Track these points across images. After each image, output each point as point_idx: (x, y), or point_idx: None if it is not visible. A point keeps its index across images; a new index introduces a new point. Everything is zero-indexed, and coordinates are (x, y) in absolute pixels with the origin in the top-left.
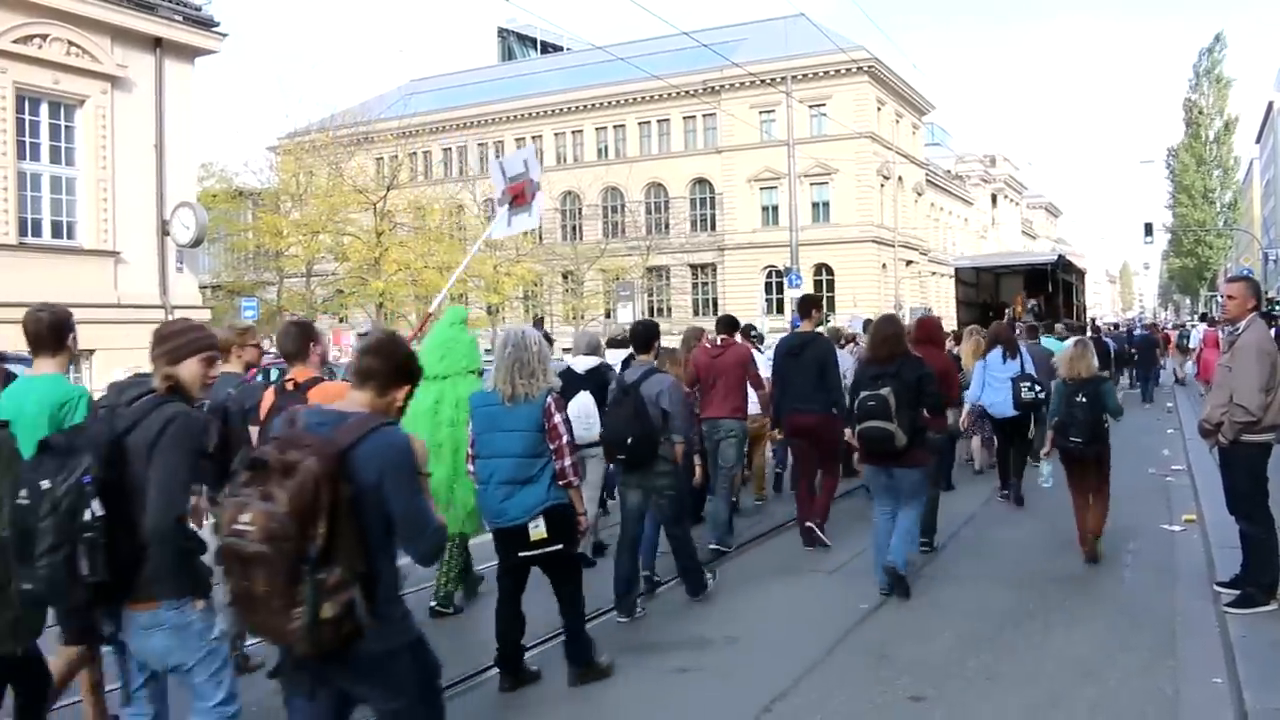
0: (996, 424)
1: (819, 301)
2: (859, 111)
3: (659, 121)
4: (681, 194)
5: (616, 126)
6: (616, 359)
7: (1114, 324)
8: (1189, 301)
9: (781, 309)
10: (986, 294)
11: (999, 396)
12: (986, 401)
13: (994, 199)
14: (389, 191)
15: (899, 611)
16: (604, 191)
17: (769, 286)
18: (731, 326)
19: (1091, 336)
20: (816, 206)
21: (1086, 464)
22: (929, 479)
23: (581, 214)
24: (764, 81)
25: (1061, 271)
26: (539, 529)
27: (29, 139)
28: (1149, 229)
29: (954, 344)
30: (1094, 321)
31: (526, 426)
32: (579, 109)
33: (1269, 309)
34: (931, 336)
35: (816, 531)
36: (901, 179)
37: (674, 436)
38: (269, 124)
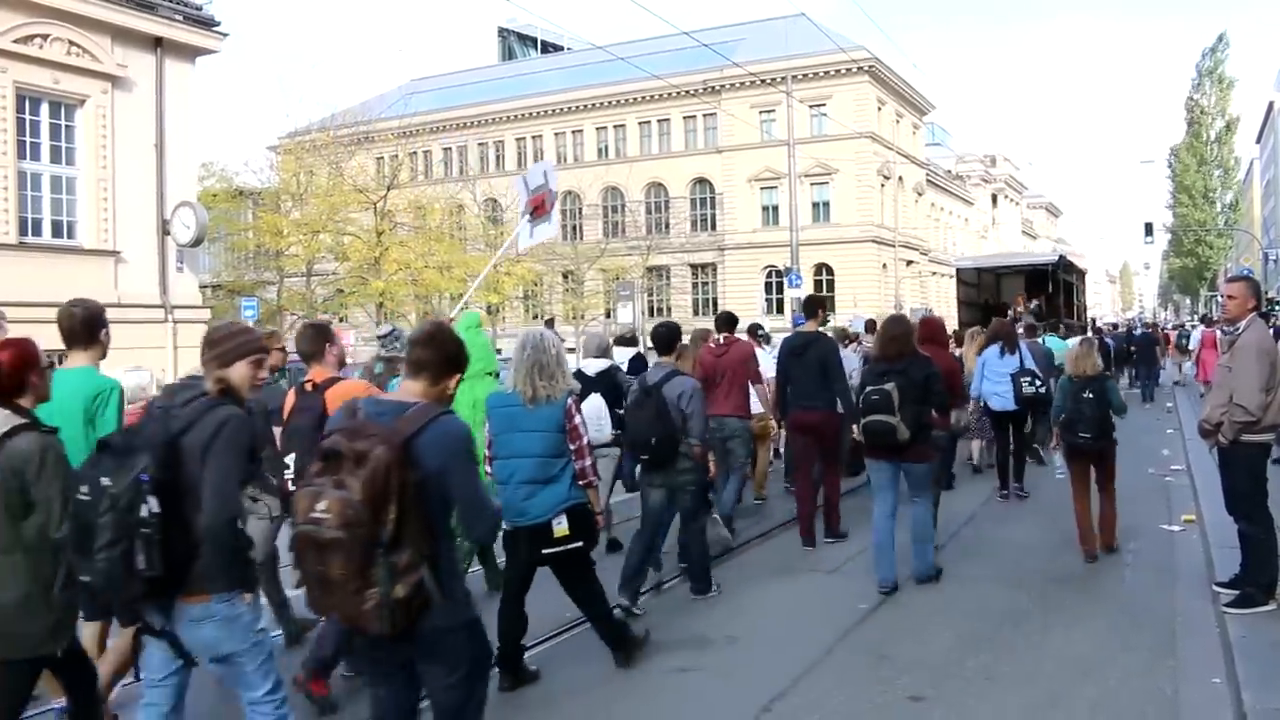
0: (995, 418)
1: (824, 302)
2: (859, 111)
3: (659, 121)
4: (681, 194)
5: (616, 126)
6: (622, 357)
7: (1112, 324)
8: (1189, 301)
9: (781, 309)
10: (988, 294)
11: (998, 388)
12: (985, 392)
13: (994, 199)
14: (389, 191)
15: (898, 611)
16: (604, 191)
17: (769, 286)
18: (731, 324)
19: (1094, 336)
20: (817, 206)
21: (1091, 460)
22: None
23: (582, 214)
24: (764, 81)
25: (1062, 272)
26: (562, 527)
27: (29, 138)
28: (1149, 229)
29: (955, 346)
30: (1094, 322)
31: (547, 427)
32: (579, 109)
33: (1268, 309)
34: (935, 336)
35: (817, 529)
36: (902, 179)
37: (691, 439)
38: (269, 124)
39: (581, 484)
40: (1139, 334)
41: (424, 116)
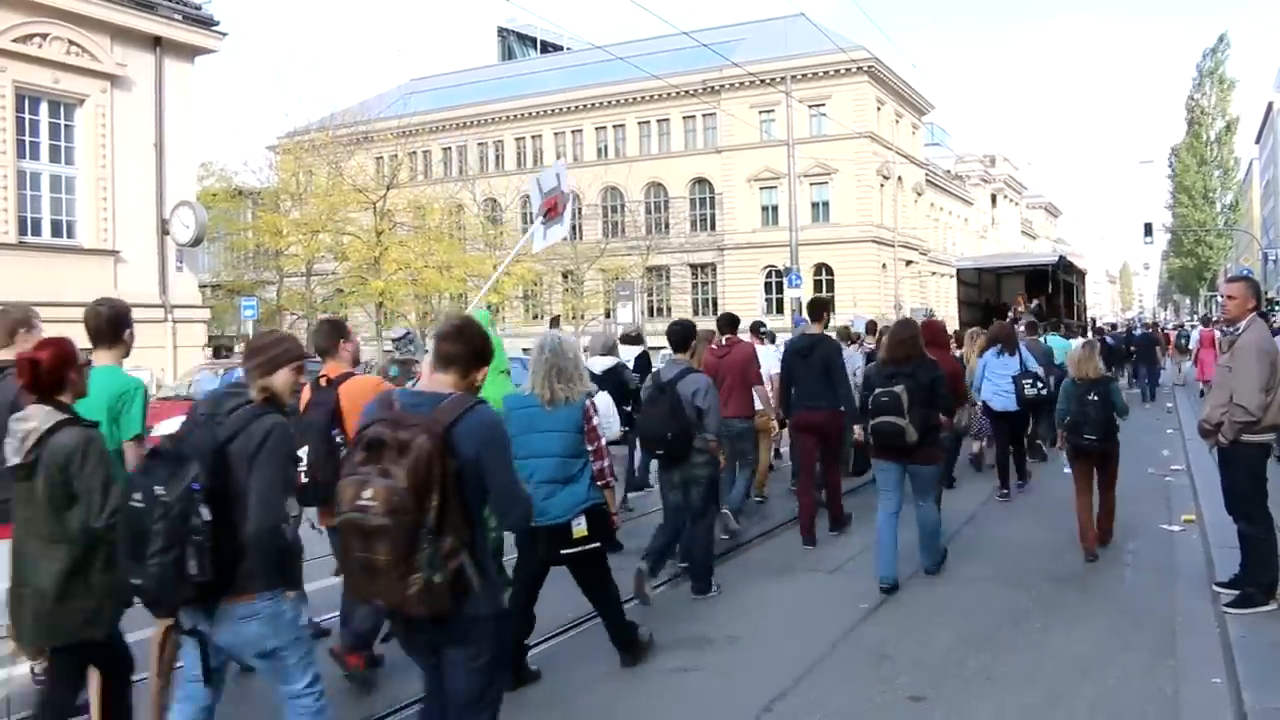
0: (995, 419)
1: (828, 305)
2: (859, 111)
3: (659, 121)
4: (681, 194)
5: (616, 126)
6: (627, 356)
7: (1111, 324)
8: (1189, 301)
9: (781, 309)
10: (988, 294)
11: (1000, 388)
12: (987, 393)
13: (994, 199)
14: (389, 191)
15: (899, 611)
16: (604, 191)
17: (769, 286)
18: (733, 325)
19: (1096, 338)
20: (816, 206)
21: (1096, 461)
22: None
23: (581, 213)
24: (764, 81)
25: (1063, 272)
26: (580, 527)
27: (29, 138)
28: (1149, 229)
29: (956, 347)
30: (1094, 322)
31: (565, 428)
32: (579, 109)
33: (1268, 309)
34: (936, 339)
35: (820, 526)
36: (901, 179)
37: (706, 434)
38: (269, 123)
39: (599, 484)
40: (1139, 334)
41: (423, 116)
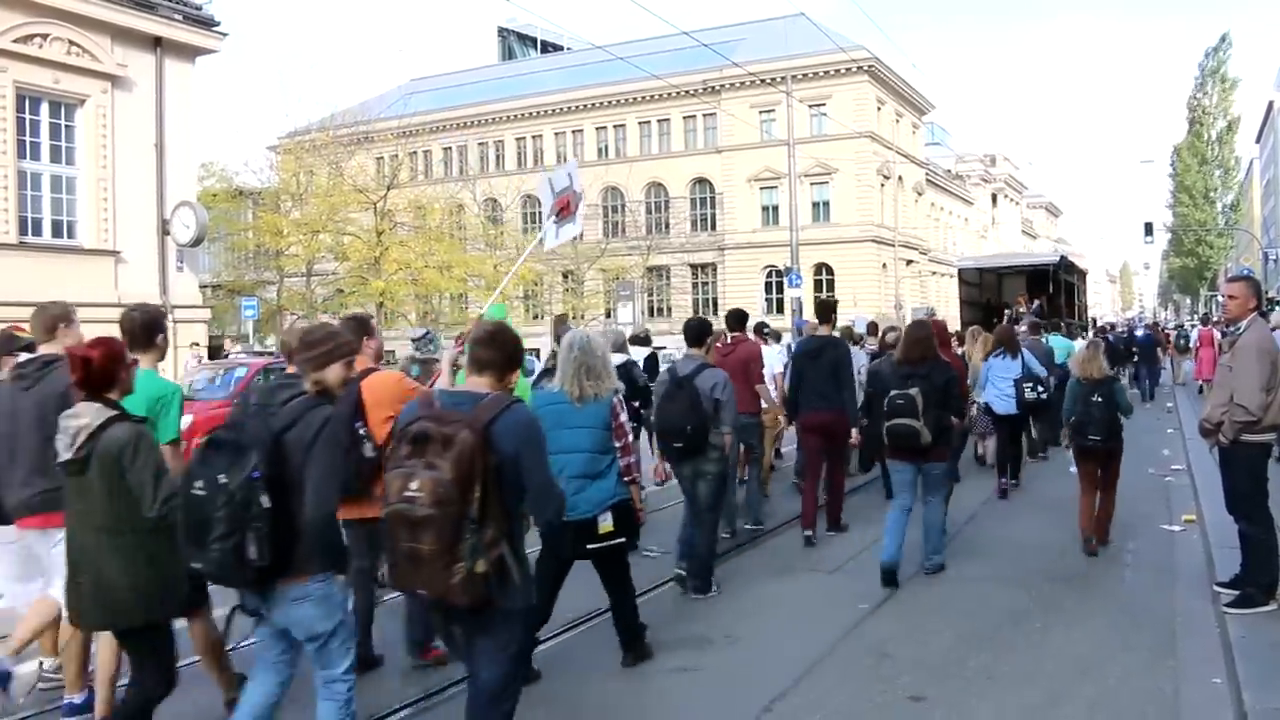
0: (997, 420)
1: (836, 307)
2: (859, 111)
3: (659, 121)
4: (681, 194)
5: (616, 126)
6: (637, 355)
7: (1111, 324)
8: (1189, 301)
9: (781, 309)
10: (989, 294)
11: (1002, 391)
12: (989, 396)
13: (994, 199)
14: (389, 191)
15: (899, 610)
16: (604, 191)
17: (769, 286)
18: (741, 323)
19: (1099, 338)
20: (816, 206)
21: (1100, 460)
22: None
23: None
24: (764, 81)
25: (1064, 272)
26: (607, 522)
27: (29, 138)
28: (1149, 229)
29: (957, 345)
30: (1095, 322)
31: (594, 424)
32: (579, 109)
33: (1268, 308)
34: (939, 339)
35: (819, 525)
36: (901, 179)
37: (723, 428)
38: (269, 123)
39: (627, 480)
40: (1141, 335)
41: (424, 116)
